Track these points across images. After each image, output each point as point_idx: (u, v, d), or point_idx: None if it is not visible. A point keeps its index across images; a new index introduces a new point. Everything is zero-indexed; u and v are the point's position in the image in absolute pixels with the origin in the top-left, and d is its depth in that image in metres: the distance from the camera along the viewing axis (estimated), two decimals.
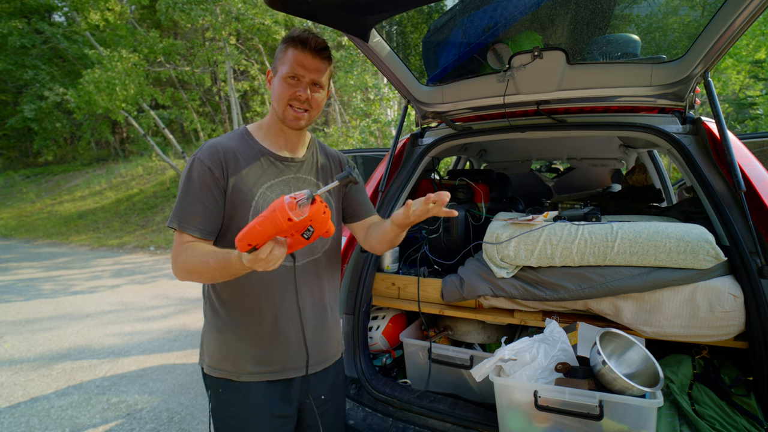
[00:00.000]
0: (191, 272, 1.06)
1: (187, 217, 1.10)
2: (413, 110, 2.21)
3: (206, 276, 1.05)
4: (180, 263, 1.08)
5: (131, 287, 6.08)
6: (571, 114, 2.02)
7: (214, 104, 15.98)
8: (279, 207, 0.84)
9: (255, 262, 0.88)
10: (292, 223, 0.85)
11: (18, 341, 4.10)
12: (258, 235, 0.86)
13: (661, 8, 1.70)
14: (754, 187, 1.47)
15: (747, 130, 6.99)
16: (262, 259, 0.87)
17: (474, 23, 1.70)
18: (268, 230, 0.85)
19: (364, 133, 9.01)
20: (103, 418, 2.71)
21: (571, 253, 1.54)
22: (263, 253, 0.87)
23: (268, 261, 0.89)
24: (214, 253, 1.02)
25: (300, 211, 0.86)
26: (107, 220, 12.59)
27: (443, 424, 1.54)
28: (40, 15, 15.02)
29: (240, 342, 1.18)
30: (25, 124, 15.70)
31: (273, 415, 1.20)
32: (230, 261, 0.96)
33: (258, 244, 0.86)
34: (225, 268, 0.99)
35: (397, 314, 2.05)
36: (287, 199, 0.85)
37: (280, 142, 1.23)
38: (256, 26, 10.71)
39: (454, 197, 2.27)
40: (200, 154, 1.13)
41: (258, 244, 0.86)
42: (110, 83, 9.94)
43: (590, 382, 1.28)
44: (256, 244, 0.86)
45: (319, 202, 0.90)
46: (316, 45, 1.12)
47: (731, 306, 1.34)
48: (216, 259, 1.00)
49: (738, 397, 1.32)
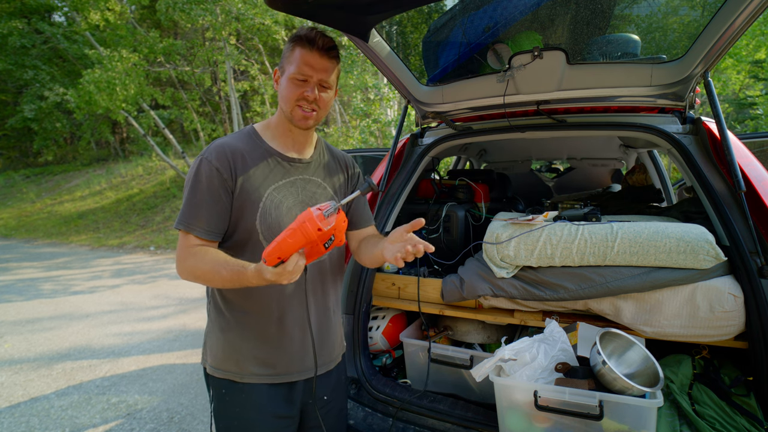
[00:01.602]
0: (198, 277, 1.07)
1: (195, 218, 1.09)
2: (413, 110, 2.21)
3: (215, 283, 1.06)
4: (188, 267, 1.08)
5: (131, 287, 6.08)
6: (571, 114, 2.02)
7: (214, 104, 15.97)
8: (308, 219, 0.89)
9: (281, 275, 0.90)
10: (321, 233, 0.90)
11: (18, 341, 4.10)
12: (289, 248, 0.90)
13: (661, 8, 1.70)
14: (754, 187, 1.47)
15: (747, 130, 6.98)
16: (289, 272, 0.90)
17: (474, 23, 1.70)
18: (298, 242, 0.90)
19: (364, 133, 9.02)
20: (103, 418, 2.71)
21: (571, 253, 1.54)
22: (290, 265, 0.90)
23: (293, 273, 0.91)
24: (227, 263, 1.02)
25: (327, 221, 0.90)
26: (107, 220, 12.60)
27: (443, 424, 1.54)
28: (40, 15, 15.01)
29: (244, 343, 1.17)
30: (25, 124, 15.70)
31: (276, 415, 1.20)
32: (245, 274, 0.97)
33: (287, 257, 0.91)
34: (239, 280, 1.00)
35: (397, 314, 2.05)
36: (315, 212, 0.90)
37: (287, 142, 1.23)
38: (256, 26, 10.70)
39: (454, 197, 2.27)
40: (207, 154, 1.12)
41: (286, 257, 0.91)
42: (110, 83, 9.93)
43: (590, 382, 1.28)
44: (287, 257, 0.91)
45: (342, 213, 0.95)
46: (324, 44, 1.11)
47: (731, 306, 1.34)
48: (229, 271, 1.01)
49: (738, 397, 1.32)
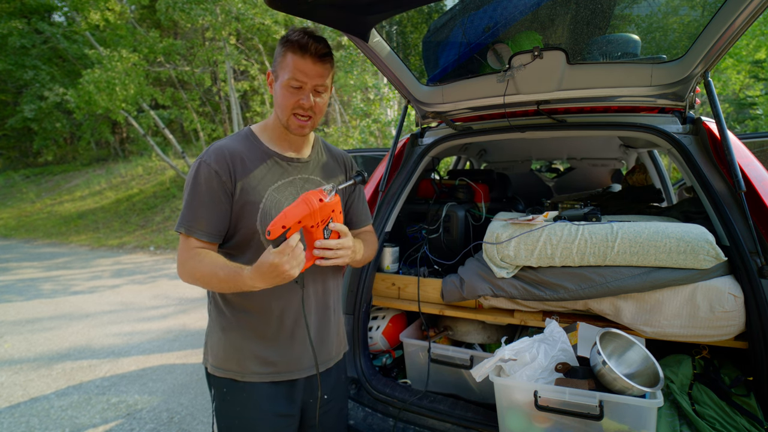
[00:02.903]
0: (198, 280, 1.08)
1: (195, 221, 1.10)
2: (413, 110, 2.21)
3: (212, 285, 1.08)
4: (188, 270, 1.10)
5: (131, 287, 6.08)
6: (571, 114, 2.02)
7: (214, 104, 15.95)
8: (311, 192, 0.96)
9: (282, 253, 0.92)
10: (322, 204, 0.95)
11: (18, 341, 4.10)
12: (292, 216, 0.93)
13: (661, 8, 1.70)
14: (754, 187, 1.47)
15: (747, 130, 6.98)
16: (291, 247, 0.92)
17: (474, 23, 1.70)
18: (301, 210, 0.93)
19: (364, 133, 9.02)
20: (103, 418, 2.71)
21: (571, 253, 1.54)
22: (293, 240, 0.92)
23: (295, 253, 0.93)
24: (225, 266, 1.04)
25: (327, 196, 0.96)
26: (107, 220, 12.59)
27: (443, 424, 1.54)
28: (40, 15, 15.00)
29: (245, 342, 1.18)
30: (25, 124, 15.71)
31: (277, 414, 1.20)
32: (240, 276, 1.00)
33: (291, 227, 0.92)
34: (234, 282, 1.02)
35: (397, 314, 2.05)
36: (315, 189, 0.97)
37: (285, 143, 1.24)
38: (256, 26, 10.70)
39: (454, 197, 2.27)
40: (206, 157, 1.12)
41: (291, 228, 0.92)
42: (110, 83, 9.92)
43: (590, 382, 1.28)
44: (290, 226, 0.92)
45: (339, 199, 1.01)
46: (317, 51, 1.09)
47: (731, 306, 1.34)
48: (225, 272, 1.02)
49: (738, 397, 1.32)
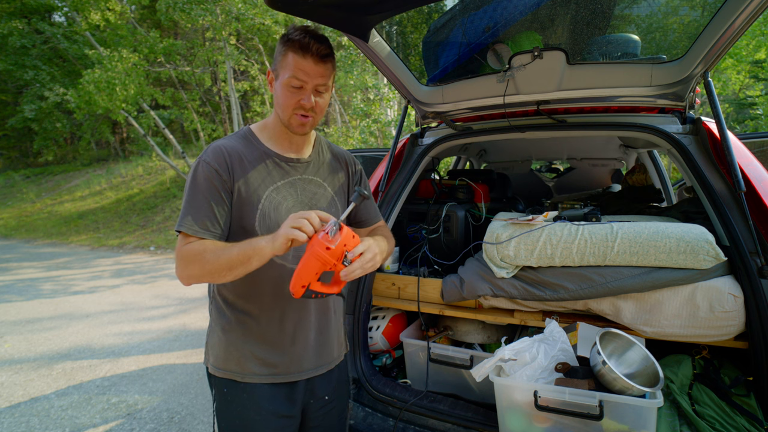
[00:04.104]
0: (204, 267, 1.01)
1: (195, 220, 1.07)
2: (413, 110, 2.21)
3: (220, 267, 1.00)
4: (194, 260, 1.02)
5: (131, 287, 6.08)
6: (571, 114, 2.02)
7: (214, 104, 15.95)
8: (315, 243, 0.96)
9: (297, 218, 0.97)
10: (330, 251, 0.96)
11: (18, 341, 4.10)
12: (308, 272, 0.97)
13: (661, 8, 1.70)
14: (754, 187, 1.47)
15: (747, 130, 6.99)
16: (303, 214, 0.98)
17: (474, 23, 1.70)
18: (313, 266, 0.97)
19: (364, 133, 9.02)
20: (103, 418, 2.71)
21: (571, 253, 1.54)
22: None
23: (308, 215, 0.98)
24: (235, 244, 1.01)
25: (333, 239, 0.97)
26: (107, 220, 12.59)
27: (443, 424, 1.54)
28: (40, 15, 14.98)
29: (245, 343, 1.17)
30: (25, 124, 15.68)
31: (277, 415, 1.20)
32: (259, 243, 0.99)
33: (311, 283, 0.98)
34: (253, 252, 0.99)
35: (397, 314, 2.05)
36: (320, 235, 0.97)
37: (285, 143, 1.22)
38: (256, 26, 10.69)
39: (454, 197, 2.27)
40: (205, 156, 1.12)
41: (311, 284, 0.98)
42: (110, 83, 9.92)
43: (590, 382, 1.28)
44: (309, 282, 0.98)
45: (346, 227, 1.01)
46: (318, 51, 1.08)
47: (731, 306, 1.34)
48: (239, 248, 1.00)
49: (738, 397, 1.32)
